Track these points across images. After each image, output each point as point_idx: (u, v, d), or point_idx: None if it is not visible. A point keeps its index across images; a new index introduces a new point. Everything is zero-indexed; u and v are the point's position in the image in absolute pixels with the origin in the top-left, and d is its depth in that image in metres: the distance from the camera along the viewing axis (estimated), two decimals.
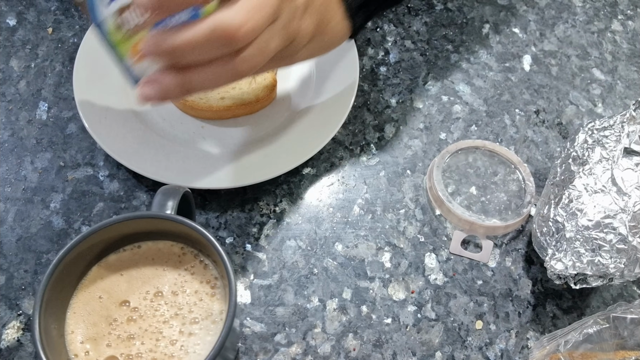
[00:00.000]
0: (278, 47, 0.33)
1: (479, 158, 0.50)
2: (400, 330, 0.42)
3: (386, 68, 0.56)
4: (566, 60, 0.58)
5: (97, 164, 0.48)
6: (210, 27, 0.29)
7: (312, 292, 0.44)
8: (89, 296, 0.34)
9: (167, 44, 0.30)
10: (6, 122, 0.50)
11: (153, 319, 0.33)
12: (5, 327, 0.41)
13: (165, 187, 0.36)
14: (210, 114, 0.49)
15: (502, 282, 0.45)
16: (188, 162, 0.47)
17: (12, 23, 0.56)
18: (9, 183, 0.47)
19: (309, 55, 0.39)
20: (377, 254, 0.46)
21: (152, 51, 0.31)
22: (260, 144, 0.48)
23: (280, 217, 0.47)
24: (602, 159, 0.41)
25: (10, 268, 0.43)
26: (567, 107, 0.55)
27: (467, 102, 0.54)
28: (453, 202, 0.47)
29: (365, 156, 0.50)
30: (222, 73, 0.32)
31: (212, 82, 0.33)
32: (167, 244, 0.36)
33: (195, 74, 0.32)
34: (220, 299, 0.34)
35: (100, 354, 0.32)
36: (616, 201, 0.39)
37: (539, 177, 0.50)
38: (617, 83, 0.57)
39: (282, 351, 0.41)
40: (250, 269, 0.44)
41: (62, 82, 0.53)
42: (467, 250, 0.46)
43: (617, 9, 0.63)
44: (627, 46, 0.60)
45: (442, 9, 0.61)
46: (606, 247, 0.38)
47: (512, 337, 0.43)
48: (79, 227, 0.45)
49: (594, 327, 0.37)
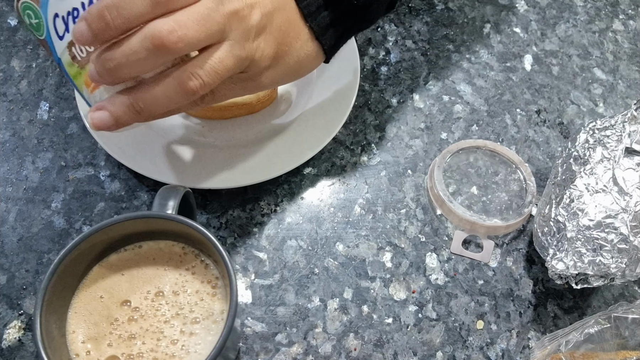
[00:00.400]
0: (233, 68, 0.33)
1: (480, 158, 0.50)
2: (401, 330, 0.42)
3: (387, 68, 0.56)
4: (567, 60, 0.58)
5: (98, 164, 0.48)
6: (142, 35, 0.30)
7: (313, 292, 0.44)
8: (90, 296, 0.34)
9: (105, 59, 0.30)
10: (7, 122, 0.50)
11: (154, 318, 0.33)
12: (7, 326, 0.41)
13: (166, 187, 0.36)
14: (211, 113, 0.49)
15: (503, 282, 0.45)
16: (189, 162, 0.47)
17: (13, 23, 0.57)
18: (10, 183, 0.47)
19: (278, 79, 0.38)
20: (378, 253, 0.46)
21: (95, 70, 0.31)
22: (261, 143, 0.48)
23: (281, 217, 0.47)
24: (604, 158, 0.41)
25: (11, 268, 0.43)
26: (569, 106, 0.55)
27: (468, 102, 0.54)
28: (454, 201, 0.47)
29: (366, 156, 0.50)
30: (171, 91, 0.32)
31: (162, 102, 0.32)
32: (168, 243, 0.36)
33: (144, 92, 0.32)
34: (221, 298, 0.34)
35: (102, 353, 0.32)
36: (617, 201, 0.39)
37: (540, 177, 0.50)
38: (619, 83, 0.57)
39: (283, 351, 0.41)
40: (251, 269, 0.44)
41: (63, 82, 0.53)
42: (468, 250, 0.46)
43: (619, 9, 0.63)
44: (628, 46, 0.60)
45: (443, 9, 0.61)
46: (607, 247, 0.38)
47: (513, 337, 0.43)
48: (80, 227, 0.45)
49: (595, 327, 0.37)
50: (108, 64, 0.30)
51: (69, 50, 0.33)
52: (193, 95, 0.32)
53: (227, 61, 0.32)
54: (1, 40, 0.55)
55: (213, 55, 0.32)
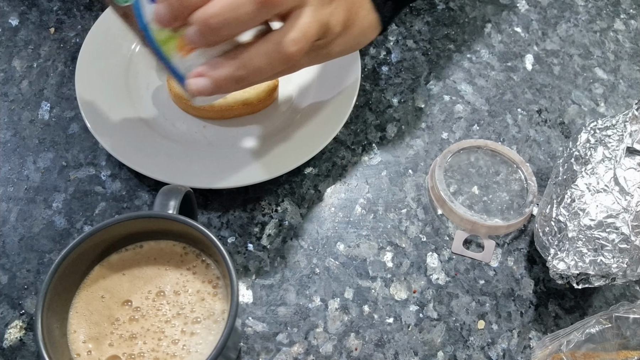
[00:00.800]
0: (317, 33, 0.33)
1: (481, 157, 0.50)
2: (402, 330, 0.42)
3: (388, 67, 0.56)
4: (568, 60, 0.58)
5: (99, 164, 0.48)
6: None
7: (314, 292, 0.44)
8: (91, 296, 0.34)
9: (211, 15, 0.30)
10: (8, 122, 0.50)
11: (155, 318, 0.33)
12: (8, 326, 0.41)
13: (167, 187, 0.36)
14: (212, 113, 0.49)
15: (504, 282, 0.45)
16: (190, 161, 0.47)
17: (14, 23, 0.57)
18: (11, 183, 0.47)
19: (346, 47, 0.39)
20: (379, 253, 0.46)
21: (198, 29, 0.30)
22: (262, 143, 0.48)
23: (282, 216, 0.47)
24: (605, 158, 0.41)
25: (12, 267, 0.43)
26: (570, 106, 0.55)
27: (469, 102, 0.54)
28: (455, 201, 0.47)
29: (367, 156, 0.50)
30: (272, 58, 0.32)
31: (264, 69, 0.32)
32: (169, 243, 0.36)
33: (245, 59, 0.32)
34: (222, 298, 0.34)
35: (103, 353, 0.32)
36: (619, 201, 0.39)
37: (541, 177, 0.50)
38: (620, 82, 0.57)
39: (284, 351, 0.41)
40: (252, 269, 0.44)
41: (65, 82, 0.53)
42: (469, 250, 0.46)
43: (620, 8, 0.62)
44: (629, 45, 0.59)
45: (444, 9, 0.61)
46: (609, 247, 0.38)
47: (515, 337, 0.43)
48: (81, 227, 0.45)
49: (597, 327, 0.37)
50: (213, 21, 0.30)
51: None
52: (291, 61, 0.32)
53: (313, 25, 0.33)
54: (2, 40, 0.55)
55: (301, 20, 0.32)
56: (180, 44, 0.33)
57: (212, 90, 0.32)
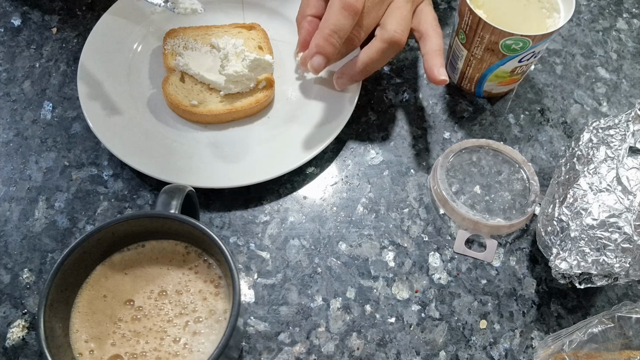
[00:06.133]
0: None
1: (483, 157, 0.50)
2: (404, 330, 0.42)
3: (389, 67, 0.56)
4: (571, 59, 0.58)
5: (101, 164, 0.48)
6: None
7: (315, 292, 0.44)
8: (94, 295, 0.34)
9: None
10: (11, 121, 0.50)
11: (157, 318, 0.33)
12: (11, 326, 0.41)
13: (169, 187, 0.36)
14: (210, 118, 0.49)
15: (506, 282, 0.45)
16: (192, 161, 0.47)
17: (16, 23, 0.57)
18: (14, 182, 0.47)
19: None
20: (381, 253, 0.46)
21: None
22: (263, 143, 0.48)
23: (283, 216, 0.47)
24: (607, 158, 0.41)
25: (15, 267, 0.44)
26: (572, 106, 0.55)
27: (471, 101, 0.54)
28: (457, 201, 0.47)
29: (369, 155, 0.50)
30: (342, 7, 0.43)
31: (342, 23, 0.43)
32: (171, 243, 0.36)
33: (324, 21, 0.44)
34: (224, 298, 0.34)
35: (105, 352, 0.32)
36: (621, 200, 0.39)
37: (543, 176, 0.50)
38: (622, 82, 0.57)
39: (285, 350, 0.41)
40: (254, 268, 0.44)
41: (67, 82, 0.53)
42: (471, 249, 0.46)
43: (622, 7, 0.62)
44: (632, 44, 0.59)
45: (446, 8, 0.61)
46: (611, 247, 0.38)
47: (517, 336, 0.43)
48: (83, 227, 0.45)
49: (599, 327, 0.37)
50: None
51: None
52: (356, 12, 0.43)
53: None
54: (5, 40, 0.55)
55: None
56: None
57: (325, 64, 0.45)
